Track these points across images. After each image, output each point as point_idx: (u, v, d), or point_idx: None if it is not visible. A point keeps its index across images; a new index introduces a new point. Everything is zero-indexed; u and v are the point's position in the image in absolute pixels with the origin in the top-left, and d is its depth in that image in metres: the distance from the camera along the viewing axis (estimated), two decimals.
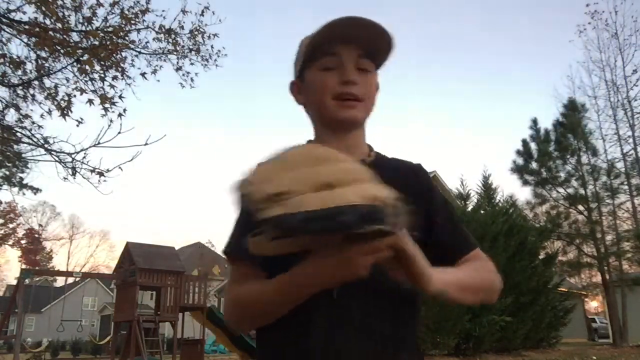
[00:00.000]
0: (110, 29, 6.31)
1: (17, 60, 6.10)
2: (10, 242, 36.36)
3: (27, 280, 14.32)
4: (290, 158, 0.73)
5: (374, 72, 1.01)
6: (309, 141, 1.04)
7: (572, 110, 19.01)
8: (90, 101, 6.12)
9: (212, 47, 7.20)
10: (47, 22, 5.96)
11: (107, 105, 6.15)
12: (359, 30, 0.93)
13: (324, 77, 0.97)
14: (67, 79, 6.32)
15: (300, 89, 1.05)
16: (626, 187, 18.26)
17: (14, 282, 19.49)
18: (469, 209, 14.69)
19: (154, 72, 6.87)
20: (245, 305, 0.90)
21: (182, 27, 6.90)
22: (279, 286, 0.82)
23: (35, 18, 6.02)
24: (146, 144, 5.71)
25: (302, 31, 1.04)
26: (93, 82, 6.30)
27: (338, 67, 0.96)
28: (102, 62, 6.21)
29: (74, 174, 6.35)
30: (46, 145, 6.56)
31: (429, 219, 0.96)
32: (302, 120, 1.07)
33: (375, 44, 0.96)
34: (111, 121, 6.08)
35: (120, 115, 6.22)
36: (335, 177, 0.67)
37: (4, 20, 6.05)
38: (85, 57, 5.99)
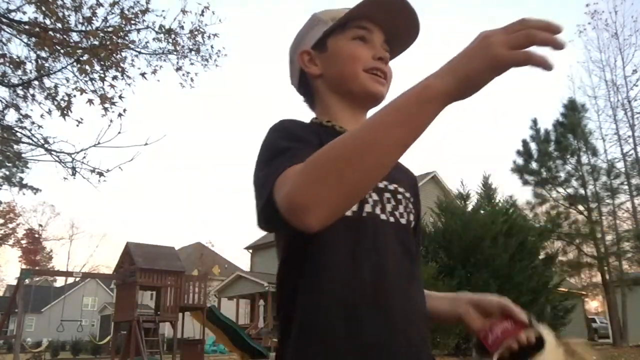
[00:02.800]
0: (110, 29, 6.31)
1: (17, 60, 6.11)
2: (10, 242, 36.34)
3: (27, 280, 14.31)
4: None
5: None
6: (292, 121, 0.93)
7: (572, 110, 19.00)
8: (90, 101, 6.12)
9: (212, 47, 7.21)
10: (47, 22, 5.97)
11: (107, 105, 6.15)
12: (394, 16, 0.93)
13: (357, 47, 0.94)
14: (67, 79, 6.33)
15: (316, 59, 0.98)
16: (626, 187, 18.26)
17: (14, 282, 19.48)
18: (469, 209, 14.69)
19: (154, 72, 6.87)
20: (332, 157, 0.65)
21: (182, 27, 6.91)
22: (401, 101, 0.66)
23: (35, 18, 6.02)
24: (146, 144, 5.72)
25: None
26: (93, 82, 6.30)
27: (369, 42, 0.95)
28: (102, 62, 6.21)
29: (74, 174, 6.36)
30: (46, 145, 6.56)
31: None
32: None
33: (400, 37, 0.96)
34: (111, 121, 6.09)
35: (120, 115, 6.22)
36: None
37: (4, 20, 6.05)
38: (85, 57, 5.99)
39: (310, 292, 0.80)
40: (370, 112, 0.94)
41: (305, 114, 1.03)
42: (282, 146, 0.79)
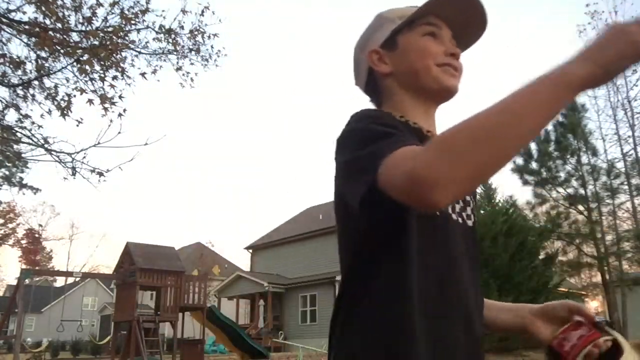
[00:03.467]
0: (110, 29, 6.31)
1: (17, 60, 6.11)
2: (10, 242, 36.34)
3: (27, 280, 14.31)
4: None
5: None
6: (378, 111, 0.96)
7: (572, 110, 19.00)
8: (90, 101, 6.12)
9: (212, 47, 7.21)
10: (47, 22, 5.97)
11: (107, 105, 6.15)
12: (462, 12, 0.94)
13: (428, 42, 0.94)
14: (67, 79, 6.33)
15: (385, 57, 0.98)
16: (626, 187, 18.24)
17: (14, 282, 19.49)
18: None
19: (154, 72, 6.87)
20: (465, 135, 0.65)
21: (182, 27, 6.91)
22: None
23: (35, 18, 6.02)
24: (146, 144, 5.73)
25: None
26: (93, 82, 6.30)
27: (439, 37, 0.95)
28: (102, 62, 6.21)
29: (74, 174, 6.36)
30: (46, 145, 6.56)
31: None
32: (301, 119, 1.03)
33: (467, 33, 0.97)
34: (111, 121, 6.09)
35: (120, 115, 6.22)
36: None
37: (4, 20, 6.05)
38: (85, 57, 5.99)
39: (393, 282, 0.79)
40: (436, 110, 0.98)
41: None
42: (382, 130, 0.77)
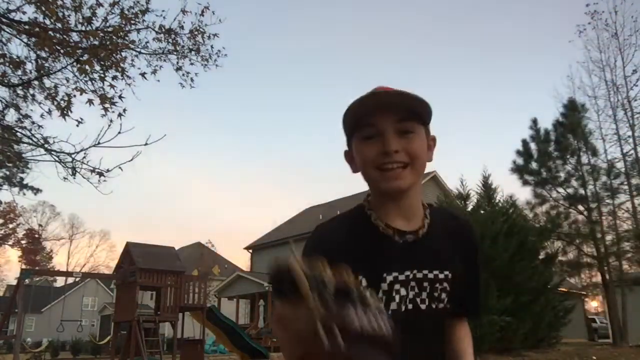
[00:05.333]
0: (110, 29, 6.30)
1: (17, 60, 6.10)
2: (10, 242, 36.39)
3: (27, 280, 14.32)
4: None
5: (420, 130, 0.99)
6: (366, 200, 1.06)
7: (572, 110, 19.00)
8: (90, 101, 6.11)
9: (212, 47, 7.21)
10: (47, 22, 5.96)
11: (107, 105, 6.14)
12: (391, 98, 0.94)
13: (364, 148, 0.97)
14: (67, 79, 6.31)
15: (352, 158, 1.04)
16: (626, 187, 18.24)
17: (14, 282, 19.47)
18: (469, 209, 14.68)
19: (154, 72, 6.86)
20: None
21: (182, 27, 6.90)
22: None
23: (35, 18, 6.01)
24: (146, 144, 5.71)
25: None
26: (93, 82, 6.29)
27: (378, 136, 0.96)
28: (102, 62, 6.20)
29: (74, 174, 6.35)
30: (46, 145, 6.55)
31: (466, 270, 1.07)
32: (302, 118, 1.06)
33: (412, 106, 0.96)
34: (111, 121, 6.08)
35: (120, 115, 6.21)
36: None
37: (4, 20, 6.05)
38: (85, 57, 5.99)
39: None
40: (408, 197, 1.01)
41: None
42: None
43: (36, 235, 46.57)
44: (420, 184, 1.05)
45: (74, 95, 6.18)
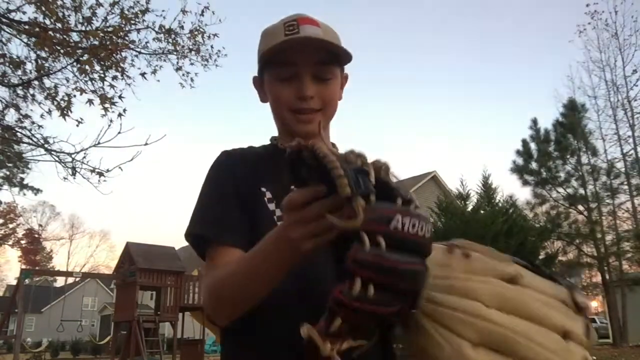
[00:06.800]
0: (110, 29, 6.31)
1: (17, 60, 6.11)
2: (10, 242, 36.36)
3: (27, 280, 14.32)
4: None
5: (337, 72, 0.99)
6: (274, 137, 1.06)
7: (572, 110, 18.99)
8: (90, 101, 6.12)
9: (212, 47, 7.21)
10: (47, 22, 5.96)
11: (107, 105, 6.15)
12: (314, 42, 0.92)
13: (280, 89, 0.96)
14: (67, 79, 6.33)
15: (262, 87, 1.03)
16: (626, 187, 18.24)
17: (14, 282, 19.50)
18: (469, 209, 14.69)
19: (154, 72, 6.88)
20: (219, 287, 0.82)
21: (182, 27, 6.91)
22: (249, 257, 0.77)
23: (35, 18, 6.02)
24: (146, 144, 5.72)
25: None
26: (93, 82, 6.30)
27: (294, 77, 0.94)
28: (102, 62, 6.21)
29: (74, 174, 6.36)
30: (46, 145, 6.56)
31: None
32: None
33: (333, 49, 0.95)
34: (111, 121, 6.08)
35: (120, 115, 6.22)
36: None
37: (4, 20, 6.06)
38: (85, 57, 5.99)
39: None
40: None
41: None
42: (211, 209, 0.95)
43: (36, 235, 46.55)
44: (329, 126, 1.04)
45: (74, 95, 6.19)
